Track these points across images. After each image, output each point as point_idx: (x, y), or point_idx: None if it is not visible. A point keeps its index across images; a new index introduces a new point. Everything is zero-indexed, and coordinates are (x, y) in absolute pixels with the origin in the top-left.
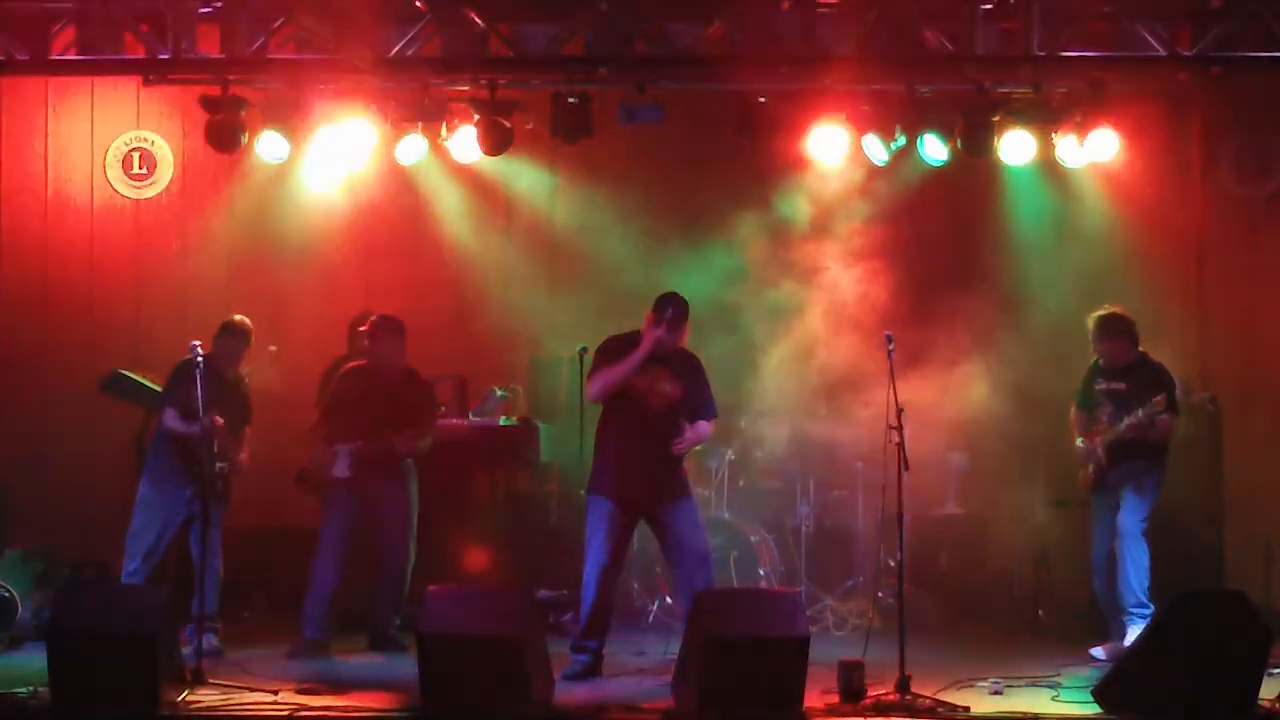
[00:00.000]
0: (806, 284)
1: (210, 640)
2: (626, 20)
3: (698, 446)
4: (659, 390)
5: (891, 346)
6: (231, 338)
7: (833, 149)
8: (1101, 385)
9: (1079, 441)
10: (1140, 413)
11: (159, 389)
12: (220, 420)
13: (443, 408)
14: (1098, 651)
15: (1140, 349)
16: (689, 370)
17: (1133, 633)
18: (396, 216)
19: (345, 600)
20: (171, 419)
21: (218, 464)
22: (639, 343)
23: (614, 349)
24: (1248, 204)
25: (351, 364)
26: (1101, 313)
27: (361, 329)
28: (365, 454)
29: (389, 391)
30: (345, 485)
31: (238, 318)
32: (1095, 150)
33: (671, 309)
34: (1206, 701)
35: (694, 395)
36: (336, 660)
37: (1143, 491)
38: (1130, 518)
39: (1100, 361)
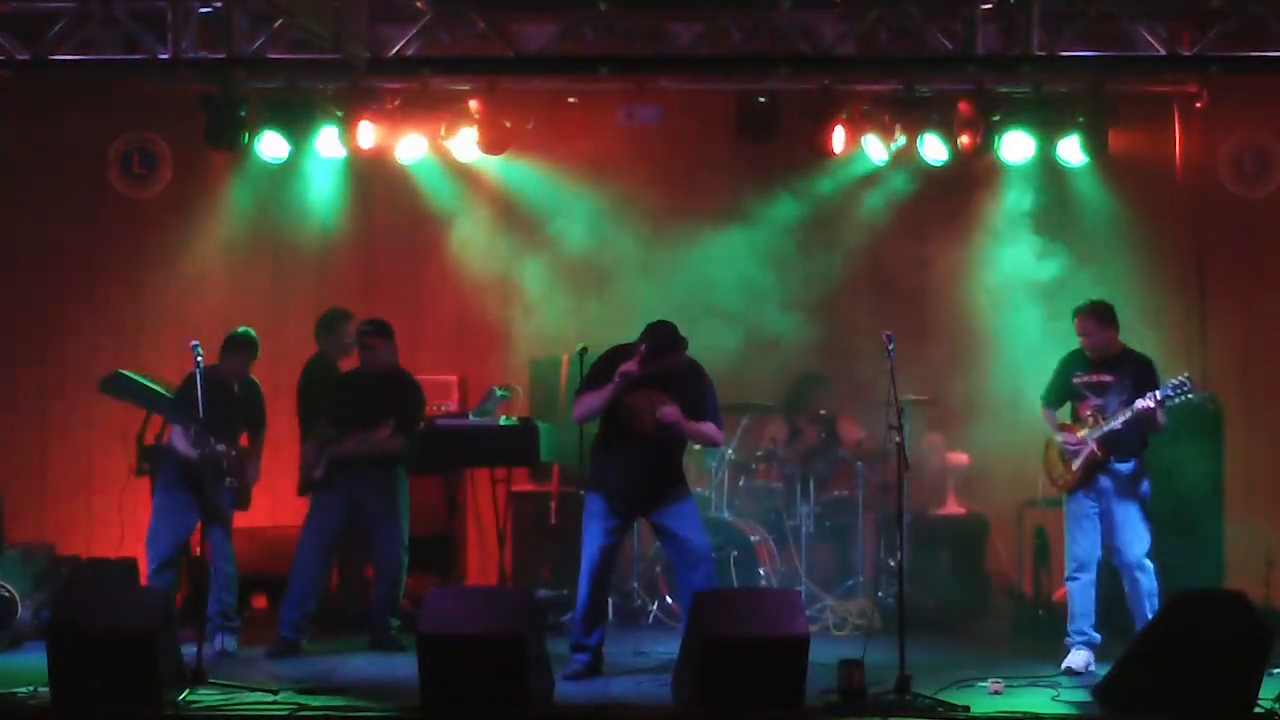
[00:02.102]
0: (807, 283)
1: (229, 641)
2: (626, 20)
3: (697, 445)
4: (651, 412)
5: (892, 346)
6: (238, 352)
7: (835, 147)
8: (1083, 378)
9: (1059, 438)
10: (1157, 394)
11: (159, 389)
12: (224, 447)
13: (442, 407)
14: (1074, 662)
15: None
16: (689, 387)
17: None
18: (396, 216)
19: (343, 601)
20: (179, 439)
21: (227, 480)
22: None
23: (601, 371)
24: (1248, 204)
25: (346, 367)
26: (1095, 302)
27: (348, 338)
28: (341, 455)
29: (372, 393)
30: (325, 487)
31: (241, 330)
32: (1094, 150)
33: (647, 343)
34: (1206, 701)
35: (693, 406)
36: (336, 660)
37: (1143, 516)
38: (1139, 548)
39: (1085, 354)
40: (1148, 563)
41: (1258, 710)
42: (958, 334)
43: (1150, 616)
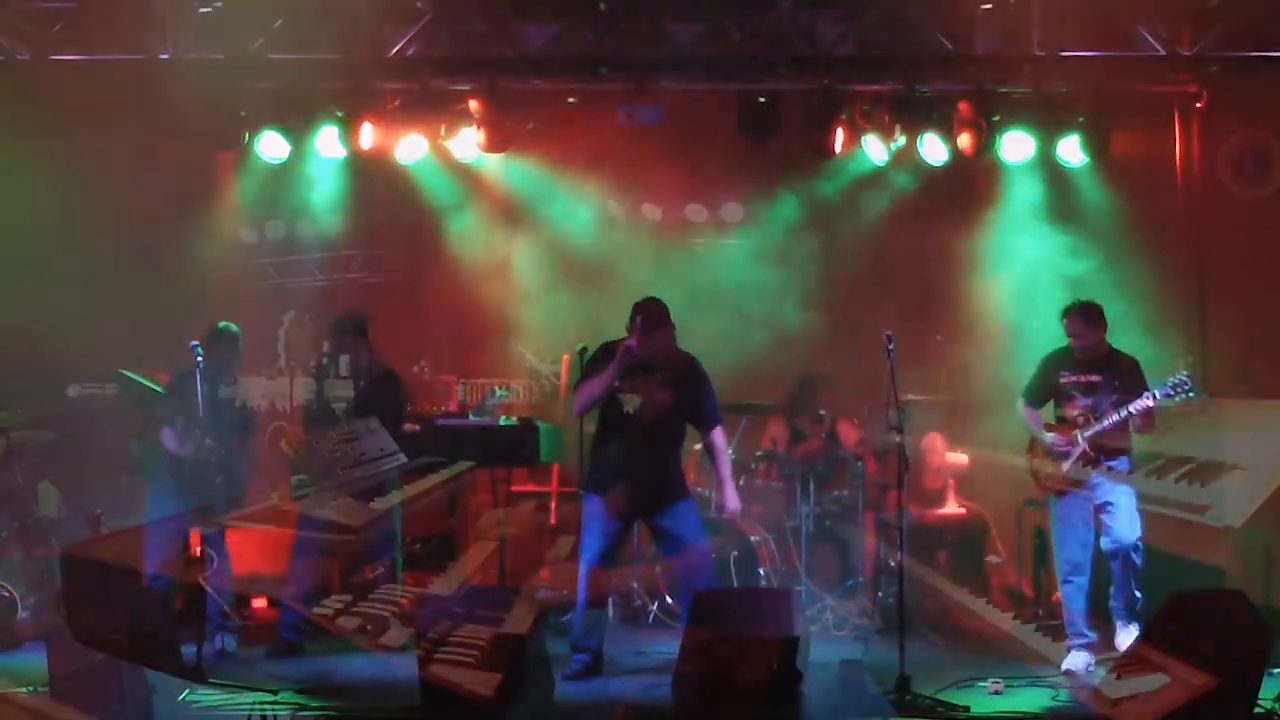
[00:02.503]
0: (808, 283)
1: (229, 641)
2: (626, 20)
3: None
4: (647, 399)
5: (891, 346)
6: (220, 347)
7: (835, 147)
8: (1069, 378)
9: (1047, 438)
10: (1158, 392)
11: (158, 389)
12: (212, 444)
13: (442, 407)
14: (1073, 664)
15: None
16: (684, 376)
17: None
18: (396, 216)
19: None
20: (168, 437)
21: (218, 478)
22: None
23: (596, 362)
24: (1248, 204)
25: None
26: (1083, 303)
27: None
28: None
29: (357, 391)
30: None
31: (222, 325)
32: (1094, 150)
33: (639, 317)
34: (1206, 701)
35: (691, 402)
36: (336, 660)
37: (1137, 505)
38: (1135, 533)
39: (1072, 354)
40: (1141, 545)
41: (1258, 710)
42: (959, 334)
43: (1139, 593)
